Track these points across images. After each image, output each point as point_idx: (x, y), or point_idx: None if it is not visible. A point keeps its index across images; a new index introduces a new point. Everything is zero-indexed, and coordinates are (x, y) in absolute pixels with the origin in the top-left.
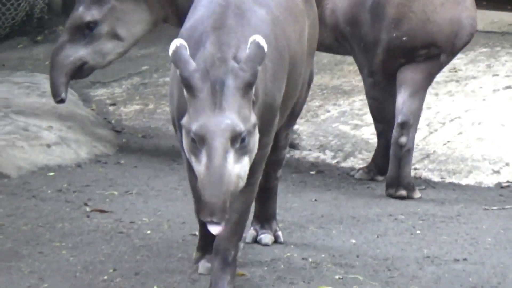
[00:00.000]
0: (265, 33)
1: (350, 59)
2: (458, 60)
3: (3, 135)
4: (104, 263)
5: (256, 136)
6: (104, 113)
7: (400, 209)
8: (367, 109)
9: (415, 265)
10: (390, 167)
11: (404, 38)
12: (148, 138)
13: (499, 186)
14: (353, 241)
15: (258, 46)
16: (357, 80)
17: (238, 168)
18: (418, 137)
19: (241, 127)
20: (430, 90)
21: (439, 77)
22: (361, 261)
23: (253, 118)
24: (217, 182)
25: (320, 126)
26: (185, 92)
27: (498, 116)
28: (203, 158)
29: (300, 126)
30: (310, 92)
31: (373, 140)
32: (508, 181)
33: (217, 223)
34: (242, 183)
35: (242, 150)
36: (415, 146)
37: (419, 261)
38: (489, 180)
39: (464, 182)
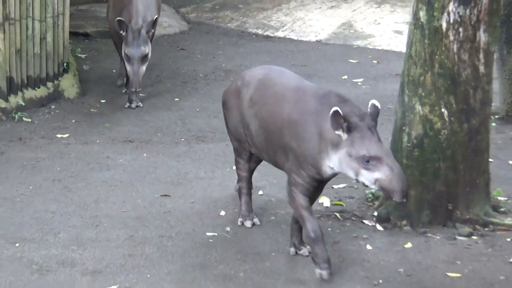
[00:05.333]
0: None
1: None
2: None
3: None
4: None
5: None
6: None
7: None
8: None
9: None
10: None
11: None
12: None
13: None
14: None
15: (375, 106)
16: None
17: None
18: None
19: None
20: None
21: None
22: None
23: None
24: (403, 178)
25: None
26: (345, 132)
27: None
28: (384, 168)
29: None
30: None
31: None
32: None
33: (407, 200)
34: None
35: None
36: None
37: None
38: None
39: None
